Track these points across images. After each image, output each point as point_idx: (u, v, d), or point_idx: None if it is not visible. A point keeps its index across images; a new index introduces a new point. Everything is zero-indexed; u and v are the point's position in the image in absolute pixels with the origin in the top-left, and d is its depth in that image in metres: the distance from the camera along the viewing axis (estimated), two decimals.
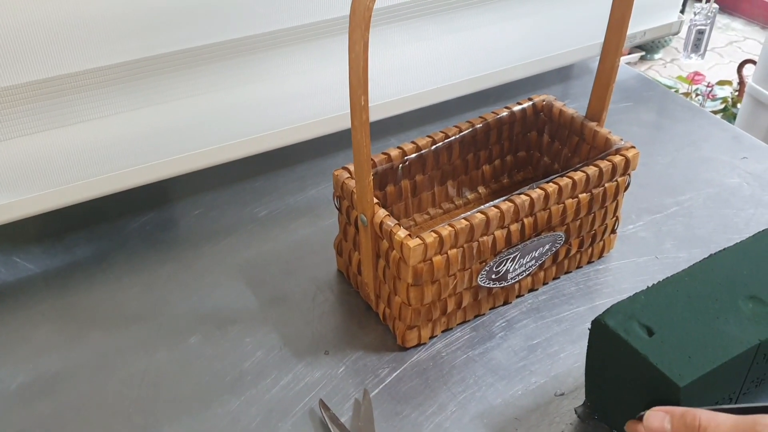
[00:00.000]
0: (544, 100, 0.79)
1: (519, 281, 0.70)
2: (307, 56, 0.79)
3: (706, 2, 1.07)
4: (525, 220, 0.65)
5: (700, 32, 1.09)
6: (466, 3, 0.86)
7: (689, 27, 1.09)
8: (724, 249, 0.60)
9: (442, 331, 0.68)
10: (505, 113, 0.77)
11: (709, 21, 1.08)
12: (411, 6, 0.82)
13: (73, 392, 0.63)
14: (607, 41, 0.70)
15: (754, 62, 1.90)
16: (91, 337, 0.68)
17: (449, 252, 0.61)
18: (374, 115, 0.86)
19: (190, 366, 0.65)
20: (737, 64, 2.26)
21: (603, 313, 0.55)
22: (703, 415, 0.46)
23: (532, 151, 0.83)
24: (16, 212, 0.70)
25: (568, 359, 0.65)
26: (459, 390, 0.63)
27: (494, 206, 0.63)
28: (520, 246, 0.66)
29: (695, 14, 1.08)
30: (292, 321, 0.69)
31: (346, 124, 0.77)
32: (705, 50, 1.11)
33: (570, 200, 0.67)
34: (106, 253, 0.78)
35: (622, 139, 0.71)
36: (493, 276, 0.66)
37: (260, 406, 0.62)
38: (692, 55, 1.10)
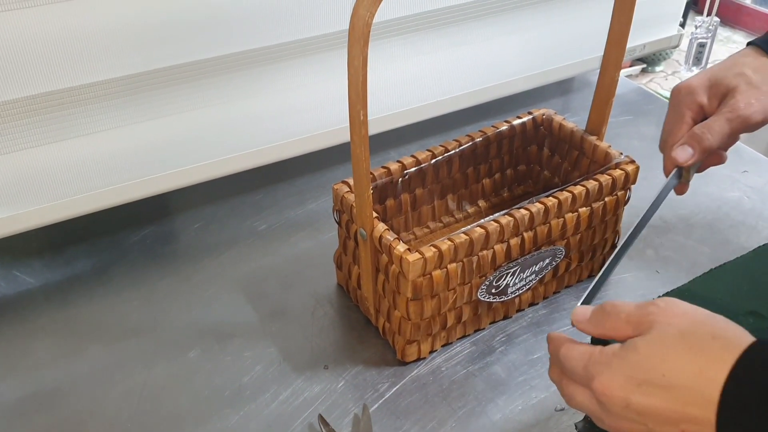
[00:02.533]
0: (544, 114, 0.79)
1: (519, 295, 0.69)
2: (306, 70, 0.79)
3: (707, 16, 1.08)
4: (525, 235, 0.65)
5: (701, 45, 1.09)
6: (465, 17, 0.86)
7: (690, 40, 1.09)
8: (724, 264, 0.60)
9: (442, 346, 0.68)
10: (505, 127, 0.77)
11: (710, 34, 1.08)
12: (411, 20, 0.82)
13: (72, 406, 0.63)
14: (607, 55, 0.70)
15: None
16: (90, 351, 0.68)
17: (449, 266, 0.61)
18: (374, 129, 0.86)
19: (189, 380, 0.65)
20: None
21: None
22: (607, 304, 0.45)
23: (532, 165, 0.83)
24: (17, 226, 0.71)
25: None
26: (459, 405, 0.63)
27: (494, 220, 0.62)
28: (520, 260, 0.66)
29: (696, 28, 1.08)
30: (291, 335, 0.69)
31: (346, 137, 0.77)
32: (706, 63, 1.11)
33: (570, 214, 0.67)
34: (107, 266, 0.78)
35: (621, 153, 0.71)
36: (493, 290, 0.66)
37: (259, 420, 0.61)
38: (693, 68, 1.10)
